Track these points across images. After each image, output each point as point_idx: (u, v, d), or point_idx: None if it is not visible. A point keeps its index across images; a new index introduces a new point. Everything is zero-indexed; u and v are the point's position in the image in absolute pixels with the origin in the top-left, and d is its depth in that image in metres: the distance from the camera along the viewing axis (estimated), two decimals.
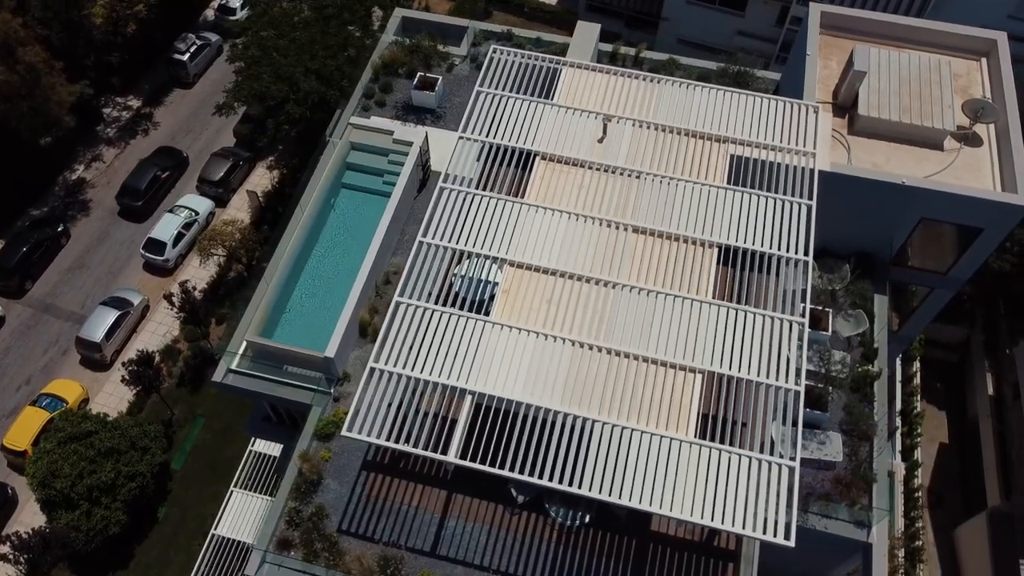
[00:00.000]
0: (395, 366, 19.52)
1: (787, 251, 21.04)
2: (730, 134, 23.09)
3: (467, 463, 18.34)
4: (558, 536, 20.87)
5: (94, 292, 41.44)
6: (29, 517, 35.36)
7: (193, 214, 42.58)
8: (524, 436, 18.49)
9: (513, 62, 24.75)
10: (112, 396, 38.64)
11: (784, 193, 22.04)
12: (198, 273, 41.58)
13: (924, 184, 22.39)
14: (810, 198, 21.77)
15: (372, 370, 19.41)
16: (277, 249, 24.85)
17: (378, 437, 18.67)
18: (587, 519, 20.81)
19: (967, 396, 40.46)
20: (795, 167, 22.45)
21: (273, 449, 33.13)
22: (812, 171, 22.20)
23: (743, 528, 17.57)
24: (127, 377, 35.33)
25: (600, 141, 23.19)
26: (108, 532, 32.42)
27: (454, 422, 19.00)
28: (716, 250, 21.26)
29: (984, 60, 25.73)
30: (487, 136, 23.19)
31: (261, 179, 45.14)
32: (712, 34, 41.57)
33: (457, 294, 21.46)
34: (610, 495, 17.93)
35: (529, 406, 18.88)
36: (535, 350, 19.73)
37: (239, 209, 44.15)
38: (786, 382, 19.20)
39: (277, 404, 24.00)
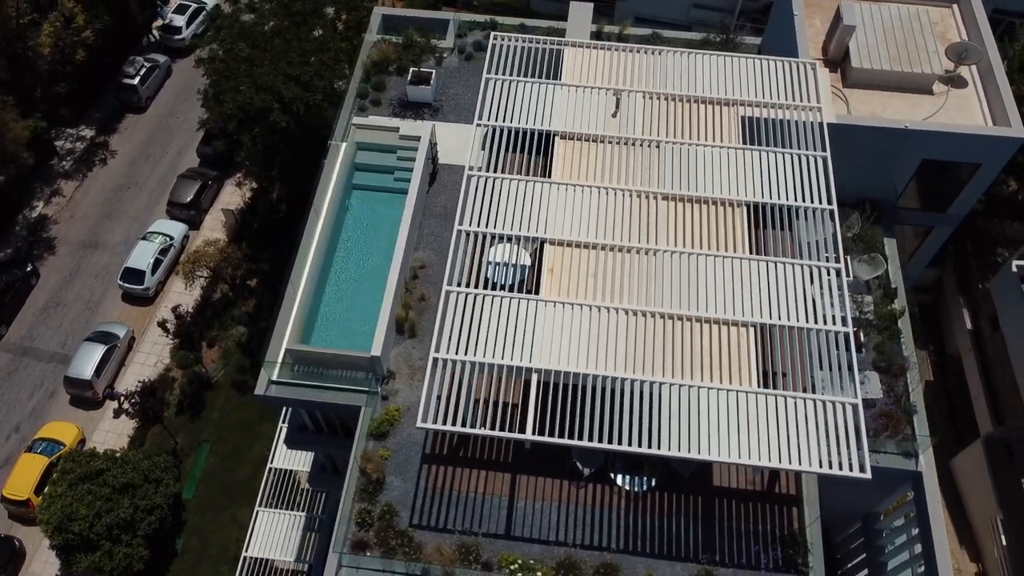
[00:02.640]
0: (456, 354, 19.62)
1: (812, 202, 21.86)
2: (738, 96, 23.82)
3: (545, 438, 18.57)
4: (626, 503, 21.24)
5: (74, 329, 40.10)
6: (40, 567, 34.16)
7: (168, 239, 41.54)
8: (596, 406, 18.83)
9: (515, 47, 25.01)
10: (109, 433, 37.50)
11: (798, 148, 22.87)
12: (181, 298, 40.54)
13: (926, 127, 23.50)
14: (824, 150, 22.64)
15: (435, 360, 19.46)
16: (298, 257, 24.55)
17: (453, 425, 18.76)
18: (652, 483, 21.25)
19: (945, 334, 42.32)
20: (804, 122, 23.31)
21: (296, 463, 32.69)
22: (821, 124, 23.08)
23: (820, 467, 18.26)
24: (130, 410, 34.35)
25: (614, 115, 23.64)
26: (133, 570, 31.56)
27: (524, 401, 19.16)
28: (745, 208, 21.95)
29: (955, 6, 27.05)
30: (503, 121, 23.40)
31: (232, 196, 44.29)
32: (668, 9, 42.38)
33: (488, 280, 21.64)
34: (689, 452, 18.41)
35: (596, 377, 19.22)
36: (590, 323, 20.07)
37: (213, 229, 43.25)
38: (834, 325, 19.99)
39: (322, 411, 23.71)
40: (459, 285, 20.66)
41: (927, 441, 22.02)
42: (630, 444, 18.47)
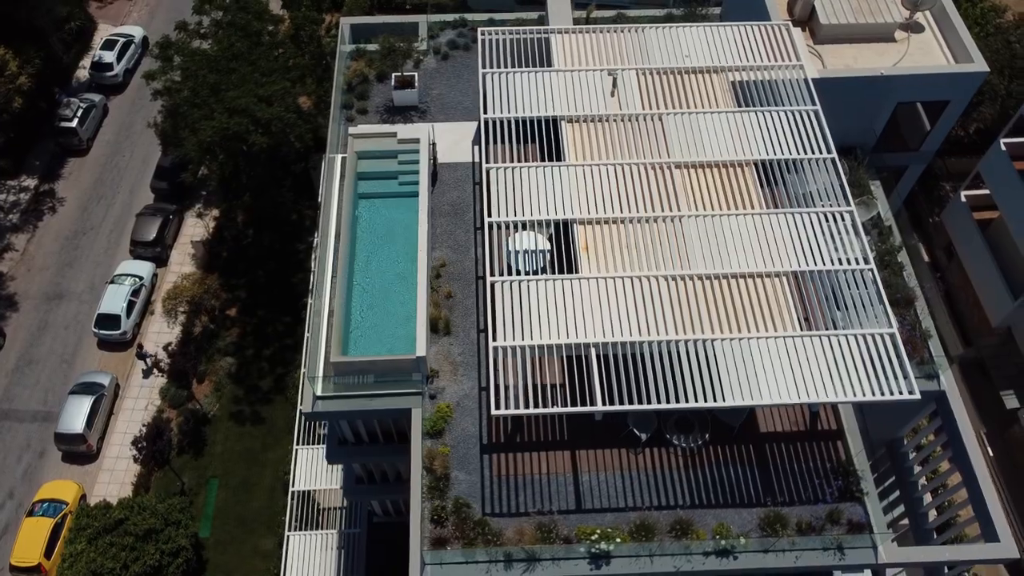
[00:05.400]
0: (513, 340, 20.09)
1: (813, 153, 23.14)
2: (724, 63, 24.94)
3: (615, 407, 19.23)
4: (684, 461, 22.09)
5: (53, 385, 38.76)
6: None
7: (137, 279, 40.46)
8: (656, 370, 19.61)
9: (503, 40, 25.56)
10: (111, 484, 36.49)
11: (790, 104, 24.13)
12: (160, 338, 39.67)
13: (900, 71, 25.07)
14: (814, 104, 23.95)
15: (495, 349, 19.89)
16: (317, 273, 24.53)
17: (525, 408, 19.26)
18: (706, 437, 22.16)
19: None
20: (790, 80, 24.58)
21: (315, 483, 32.43)
22: (806, 80, 24.39)
23: (872, 396, 19.47)
24: (139, 456, 33.49)
25: (612, 94, 24.43)
26: None
27: (588, 375, 19.77)
28: (753, 167, 23.06)
29: None
30: (508, 112, 23.92)
31: (195, 228, 43.42)
32: None
33: (514, 269, 22.17)
34: (751, 399, 19.37)
35: (652, 342, 19.97)
36: (633, 293, 20.81)
37: (182, 264, 42.37)
38: (857, 264, 21.29)
39: (368, 419, 23.77)
40: (501, 274, 21.12)
41: (945, 361, 23.57)
42: (696, 400, 19.31)
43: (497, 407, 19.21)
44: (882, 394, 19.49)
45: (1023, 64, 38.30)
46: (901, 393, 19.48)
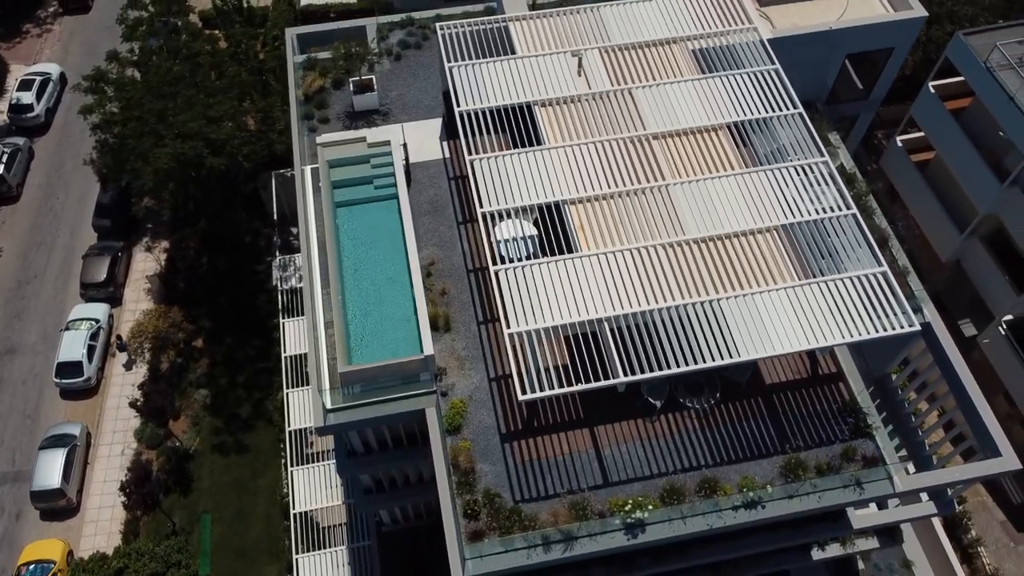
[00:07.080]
0: (527, 325, 20.21)
1: (780, 110, 23.88)
2: (682, 34, 25.49)
3: (636, 376, 19.55)
4: (699, 423, 22.58)
5: (19, 443, 37.16)
6: None
7: (94, 323, 39.02)
8: (669, 335, 20.02)
9: (463, 33, 25.59)
10: (97, 536, 35.16)
11: (751, 66, 24.83)
12: (125, 379, 38.44)
13: (847, 24, 26.10)
14: (773, 63, 24.71)
15: (511, 336, 19.98)
16: (307, 287, 24.18)
17: (550, 389, 19.40)
18: (717, 396, 22.70)
19: None
20: (747, 43, 25.29)
21: (322, 501, 31.92)
22: (762, 41, 25.13)
23: (877, 332, 20.29)
24: (127, 503, 32.38)
25: (579, 75, 24.72)
26: None
27: (606, 349, 20.05)
28: (726, 129, 23.67)
29: None
30: (480, 103, 23.97)
31: (146, 263, 42.11)
32: None
33: (503, 257, 22.28)
34: (764, 351, 19.96)
35: (660, 310, 20.37)
36: (635, 265, 21.17)
37: (137, 301, 41.04)
38: (839, 211, 22.11)
39: (377, 426, 23.51)
40: (504, 263, 21.20)
41: (924, 294, 24.67)
42: (712, 359, 19.79)
43: (523, 392, 19.31)
44: (884, 330, 20.32)
45: (939, 11, 40.13)
46: (902, 327, 20.35)
